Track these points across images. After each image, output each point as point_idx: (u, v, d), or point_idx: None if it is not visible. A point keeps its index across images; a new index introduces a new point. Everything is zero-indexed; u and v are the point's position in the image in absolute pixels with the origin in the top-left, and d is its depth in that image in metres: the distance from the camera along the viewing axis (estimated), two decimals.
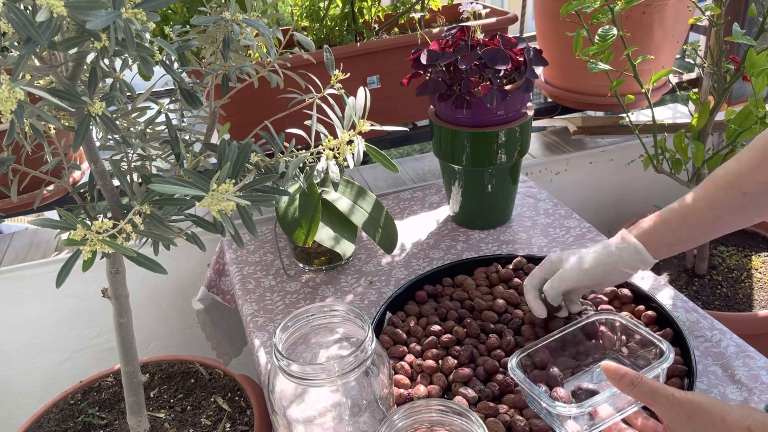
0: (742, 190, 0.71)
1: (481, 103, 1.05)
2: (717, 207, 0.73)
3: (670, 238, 0.77)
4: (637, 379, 0.60)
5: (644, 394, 0.59)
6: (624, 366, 0.62)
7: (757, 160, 0.71)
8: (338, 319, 0.72)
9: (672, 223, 0.76)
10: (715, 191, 0.73)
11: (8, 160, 0.64)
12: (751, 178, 0.71)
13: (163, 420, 0.95)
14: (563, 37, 1.27)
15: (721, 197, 0.73)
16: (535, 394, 0.66)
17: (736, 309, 1.30)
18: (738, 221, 0.75)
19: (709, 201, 0.74)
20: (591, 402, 0.64)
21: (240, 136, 1.20)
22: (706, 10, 1.15)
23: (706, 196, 0.74)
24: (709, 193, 0.74)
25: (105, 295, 0.78)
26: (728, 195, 0.72)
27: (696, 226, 0.75)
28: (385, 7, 1.47)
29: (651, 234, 0.77)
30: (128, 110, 0.69)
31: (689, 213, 0.75)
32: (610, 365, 0.62)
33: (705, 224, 0.75)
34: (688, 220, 0.75)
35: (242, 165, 0.61)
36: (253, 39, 0.71)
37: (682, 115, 1.81)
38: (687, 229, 0.76)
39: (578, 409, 0.64)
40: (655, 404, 0.59)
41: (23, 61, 0.49)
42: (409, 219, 1.27)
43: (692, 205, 0.75)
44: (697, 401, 0.57)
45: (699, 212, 0.74)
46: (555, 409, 0.64)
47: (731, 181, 0.72)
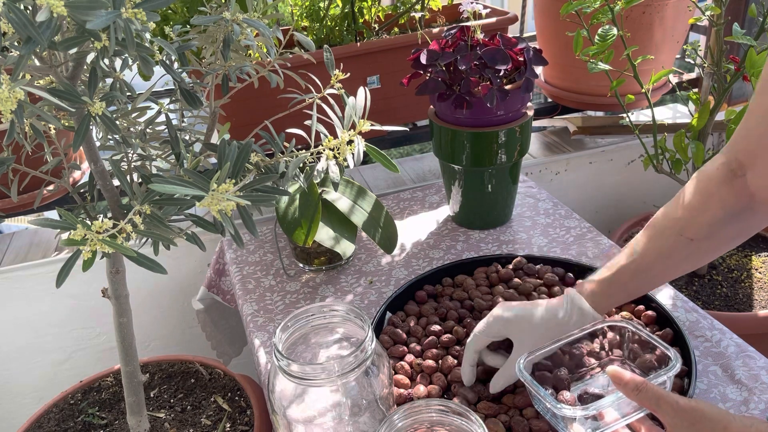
0: (689, 236, 0.70)
1: (481, 103, 1.05)
2: (666, 257, 0.72)
3: (620, 296, 0.76)
4: (642, 385, 0.60)
5: (648, 400, 0.59)
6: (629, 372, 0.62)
7: (698, 204, 0.70)
8: (338, 319, 0.72)
9: (622, 281, 0.74)
10: (663, 242, 0.72)
11: (8, 160, 0.64)
12: (696, 222, 0.70)
13: (163, 420, 0.95)
14: (563, 37, 1.27)
15: (669, 247, 0.71)
16: (541, 395, 0.66)
17: (736, 309, 1.30)
18: (687, 266, 0.74)
19: (658, 253, 0.72)
20: (596, 405, 0.64)
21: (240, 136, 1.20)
22: (706, 10, 1.15)
23: (655, 248, 0.72)
24: (657, 244, 0.72)
25: (105, 295, 0.78)
26: (676, 243, 0.71)
27: (646, 280, 0.75)
28: (385, 7, 1.47)
29: (600, 295, 0.75)
30: (128, 110, 0.69)
31: (640, 269, 0.73)
32: (615, 370, 0.62)
33: (655, 276, 0.74)
34: (639, 275, 0.74)
35: (242, 165, 0.61)
36: (253, 39, 0.71)
37: (682, 115, 1.81)
38: (637, 283, 0.75)
39: (583, 412, 0.63)
40: (658, 411, 0.59)
41: (23, 61, 0.49)
42: (409, 219, 1.27)
43: (641, 259, 0.73)
44: (700, 409, 0.57)
45: (649, 266, 0.73)
46: (560, 411, 0.64)
47: (677, 229, 0.71)
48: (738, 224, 0.70)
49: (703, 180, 0.71)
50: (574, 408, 0.64)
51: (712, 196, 0.69)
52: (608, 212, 1.74)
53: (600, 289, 0.75)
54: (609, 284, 0.75)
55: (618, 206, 1.74)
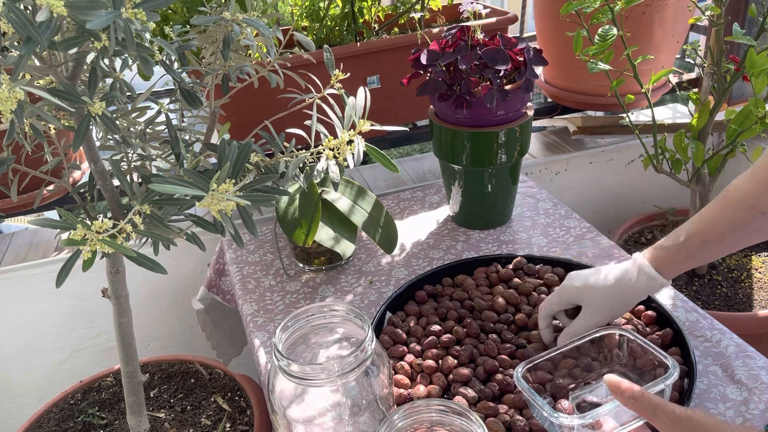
0: (761, 210, 0.71)
1: (481, 103, 1.05)
2: (736, 229, 0.73)
3: (687, 264, 0.78)
4: (639, 394, 0.60)
5: (645, 409, 0.59)
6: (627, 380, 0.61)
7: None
8: (338, 319, 0.72)
9: (691, 249, 0.76)
10: (733, 213, 0.73)
11: (8, 160, 0.64)
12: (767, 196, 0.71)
13: (163, 420, 0.95)
14: (563, 37, 1.27)
15: (740, 219, 0.73)
16: (539, 404, 0.66)
17: (736, 309, 1.30)
18: (756, 238, 0.75)
19: (728, 224, 0.73)
20: (592, 413, 0.64)
21: (240, 136, 1.20)
22: (706, 10, 1.15)
23: (725, 219, 0.74)
24: (728, 215, 0.74)
25: (105, 295, 0.78)
26: (747, 216, 0.72)
27: (715, 250, 0.76)
28: (385, 7, 1.47)
29: (668, 262, 0.77)
30: (128, 110, 0.69)
31: (709, 237, 0.75)
32: (613, 379, 0.62)
33: (724, 247, 0.76)
34: (708, 245, 0.75)
35: (242, 165, 0.61)
36: (253, 39, 0.71)
37: (682, 115, 1.81)
38: (706, 252, 0.76)
39: (580, 420, 0.63)
40: (655, 419, 0.59)
41: (23, 61, 0.49)
42: (409, 219, 1.27)
43: (711, 229, 0.74)
44: (696, 418, 0.57)
45: (719, 236, 0.74)
46: (558, 420, 0.64)
47: (749, 203, 0.72)
48: None
49: None
50: (571, 417, 0.64)
51: None
52: (608, 212, 1.74)
53: (668, 256, 0.77)
54: (677, 251, 0.76)
55: (618, 206, 1.74)
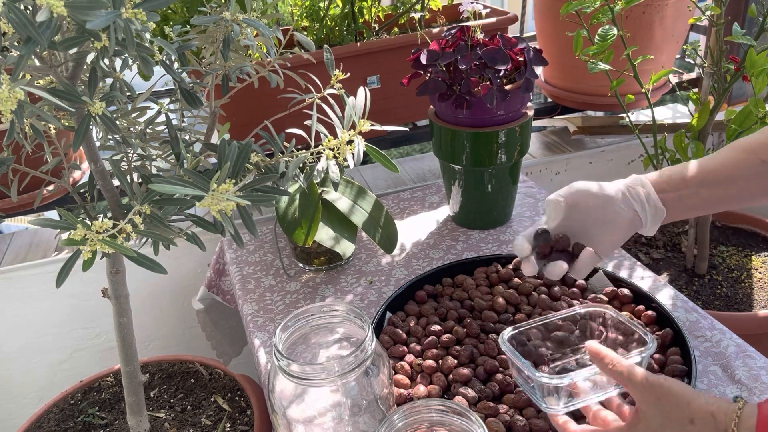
0: (761, 158, 0.71)
1: (481, 103, 1.05)
2: (733, 167, 0.72)
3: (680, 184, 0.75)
4: (616, 360, 0.63)
5: (620, 375, 0.62)
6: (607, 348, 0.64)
7: None
8: (338, 319, 0.72)
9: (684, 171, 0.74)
10: (734, 153, 0.73)
11: (8, 160, 0.64)
12: None
13: (163, 420, 0.95)
14: (563, 37, 1.27)
15: (739, 158, 0.72)
16: (521, 364, 0.68)
17: (736, 309, 1.30)
18: (753, 189, 0.73)
19: (725, 159, 0.73)
20: (571, 375, 0.66)
21: (240, 136, 1.20)
22: (706, 10, 1.15)
23: (724, 155, 0.73)
24: (728, 154, 0.73)
25: (105, 295, 0.78)
26: (747, 159, 0.72)
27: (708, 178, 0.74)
28: (385, 7, 1.47)
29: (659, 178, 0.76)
30: (128, 110, 0.69)
31: (703, 165, 0.74)
32: (594, 345, 0.65)
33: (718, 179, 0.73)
34: (701, 170, 0.74)
35: (242, 165, 0.61)
36: (253, 39, 0.71)
37: (682, 115, 1.81)
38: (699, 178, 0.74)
39: (559, 381, 0.66)
40: (629, 385, 0.61)
41: (23, 61, 0.49)
42: (409, 219, 1.27)
43: (707, 160, 0.74)
44: (666, 385, 0.59)
45: (714, 166, 0.73)
46: (539, 380, 0.66)
47: (752, 148, 0.72)
48: None
49: None
50: (550, 377, 0.66)
51: None
52: None
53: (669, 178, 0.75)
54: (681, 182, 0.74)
55: None
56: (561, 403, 0.68)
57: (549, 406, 0.68)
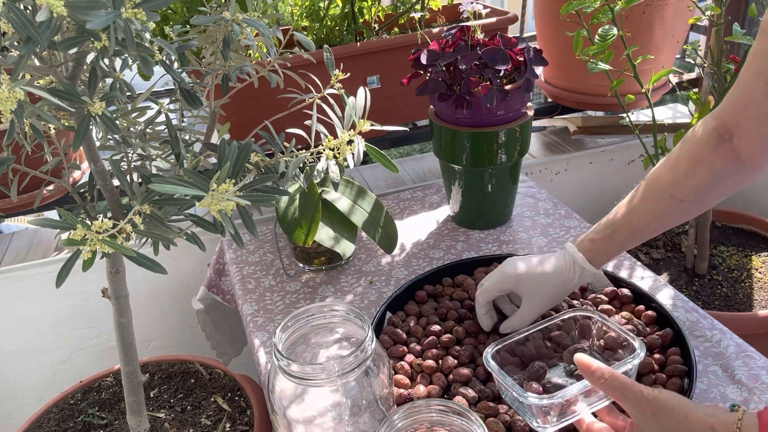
0: (679, 198, 0.75)
1: (481, 103, 1.05)
2: (658, 217, 0.78)
3: (616, 252, 0.82)
4: (608, 374, 0.61)
5: (613, 389, 0.61)
6: (597, 360, 0.63)
7: (687, 168, 0.74)
8: (338, 319, 0.72)
9: (619, 239, 0.81)
10: (655, 202, 0.77)
11: (8, 160, 0.64)
12: (686, 186, 0.74)
13: (163, 420, 0.95)
14: (563, 37, 1.27)
15: (661, 208, 0.77)
16: (508, 384, 0.67)
17: (736, 309, 1.30)
18: (676, 223, 0.80)
19: (652, 214, 0.78)
20: (562, 393, 0.65)
21: (240, 136, 1.20)
22: (706, 10, 1.15)
23: (649, 210, 0.78)
24: (651, 206, 0.78)
25: (105, 295, 0.78)
26: (668, 205, 0.76)
27: (640, 237, 0.81)
28: (385, 7, 1.47)
29: (598, 252, 0.82)
30: (128, 110, 0.69)
31: (636, 227, 0.79)
32: (583, 359, 0.63)
33: (649, 233, 0.80)
34: (634, 234, 0.80)
35: (242, 165, 0.61)
36: (253, 39, 0.71)
37: (682, 115, 1.81)
38: (633, 241, 0.81)
39: (549, 401, 0.64)
40: (623, 399, 0.60)
41: (23, 61, 0.49)
42: (409, 219, 1.27)
43: (637, 220, 0.79)
44: (662, 399, 0.58)
45: (644, 226, 0.79)
46: (527, 400, 0.65)
47: (669, 191, 0.76)
48: (725, 184, 0.74)
49: (693, 145, 0.74)
50: (540, 397, 0.65)
51: (701, 161, 0.73)
52: (608, 212, 1.74)
53: (598, 248, 0.82)
54: (608, 242, 0.81)
55: None
56: (553, 419, 0.66)
57: (540, 425, 0.67)
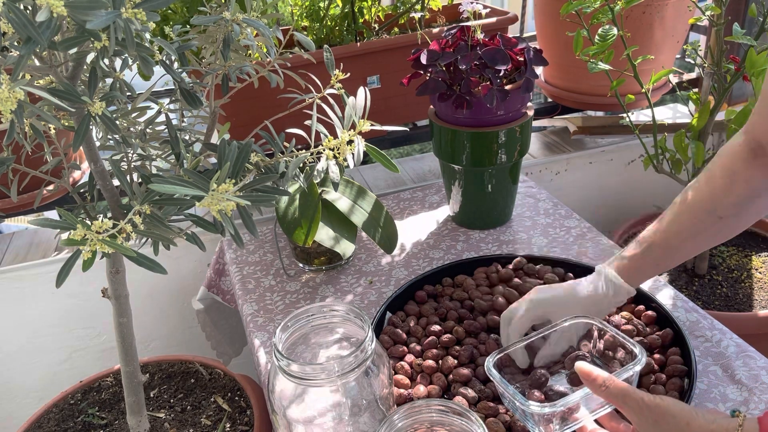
0: (718, 215, 0.73)
1: (481, 103, 1.05)
2: (697, 235, 0.76)
3: (652, 271, 0.80)
4: (609, 381, 0.61)
5: (615, 397, 0.61)
6: (597, 368, 0.63)
7: (724, 184, 0.73)
8: (338, 319, 0.72)
9: (654, 258, 0.78)
10: (693, 221, 0.75)
11: (8, 160, 0.64)
12: (725, 202, 0.73)
13: (163, 420, 0.95)
14: (563, 37, 1.27)
15: (700, 227, 0.75)
16: (510, 393, 0.67)
17: (736, 309, 1.30)
18: (715, 241, 0.79)
19: (689, 232, 0.76)
20: (563, 401, 0.65)
21: (240, 136, 1.20)
22: (706, 10, 1.15)
23: (686, 228, 0.76)
24: (689, 223, 0.75)
25: (105, 295, 0.78)
26: (706, 222, 0.74)
27: (677, 257, 0.79)
28: (385, 7, 1.47)
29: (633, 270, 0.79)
30: (128, 110, 0.69)
31: (672, 246, 0.77)
32: (583, 367, 0.63)
33: (686, 253, 0.79)
34: (670, 252, 0.77)
35: (242, 165, 0.61)
36: (253, 39, 0.71)
37: (682, 115, 1.81)
38: (668, 260, 0.79)
39: (551, 409, 0.64)
40: (624, 407, 0.60)
41: (23, 61, 0.49)
42: (409, 219, 1.27)
43: (674, 238, 0.76)
44: (664, 406, 0.58)
45: (681, 244, 0.76)
46: (529, 408, 0.65)
47: (707, 209, 0.74)
48: (765, 199, 0.72)
49: (728, 160, 0.73)
50: (542, 405, 0.65)
51: (737, 175, 0.72)
52: (608, 212, 1.74)
53: (633, 265, 0.79)
54: (642, 260, 0.78)
55: (618, 206, 1.74)
56: (555, 427, 0.66)
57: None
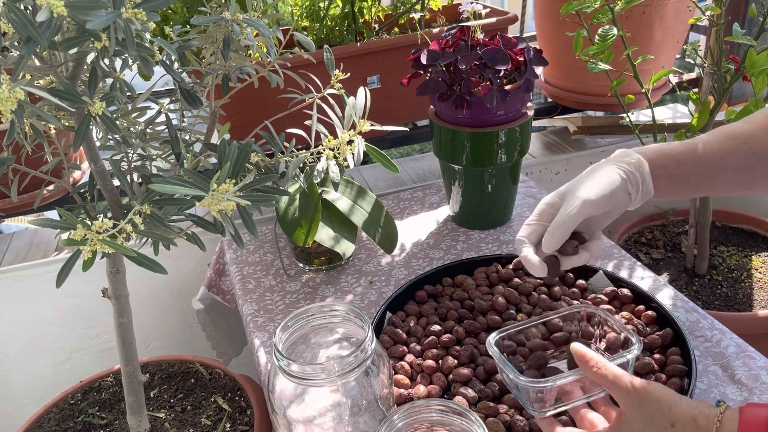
0: (752, 148, 0.71)
1: (481, 103, 1.05)
2: (725, 156, 0.71)
3: (674, 169, 0.73)
4: (601, 363, 0.63)
5: (605, 378, 0.62)
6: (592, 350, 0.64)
7: (764, 124, 0.71)
8: (338, 319, 0.72)
9: (679, 155, 0.73)
10: (726, 141, 0.72)
11: (8, 160, 0.64)
12: (763, 138, 0.71)
13: (163, 420, 0.95)
14: (563, 37, 1.27)
15: (731, 147, 0.72)
16: (508, 368, 0.68)
17: (736, 309, 1.30)
18: (740, 180, 0.73)
19: (718, 147, 0.72)
20: (557, 378, 0.66)
21: (240, 136, 1.20)
22: (706, 10, 1.15)
23: (716, 143, 0.72)
24: (719, 141, 0.72)
25: (105, 295, 0.78)
26: (738, 148, 0.71)
27: (701, 166, 0.73)
28: (385, 7, 1.47)
29: (655, 159, 0.73)
30: (128, 110, 0.69)
31: (697, 151, 0.72)
32: (578, 347, 0.65)
33: (710, 168, 0.72)
34: (694, 156, 0.72)
35: (242, 165, 0.61)
36: (253, 39, 0.71)
37: (682, 115, 1.81)
38: (692, 166, 0.73)
39: (545, 384, 0.65)
40: (613, 388, 0.62)
41: (23, 61, 0.49)
42: (409, 219, 1.27)
43: (701, 147, 0.72)
44: (650, 390, 0.59)
45: (707, 154, 0.72)
46: (522, 382, 0.66)
47: (742, 137, 0.71)
48: None
49: None
50: (535, 380, 0.66)
51: None
52: None
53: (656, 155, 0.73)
54: (666, 153, 0.73)
55: None
56: (549, 406, 0.67)
57: (536, 410, 0.68)
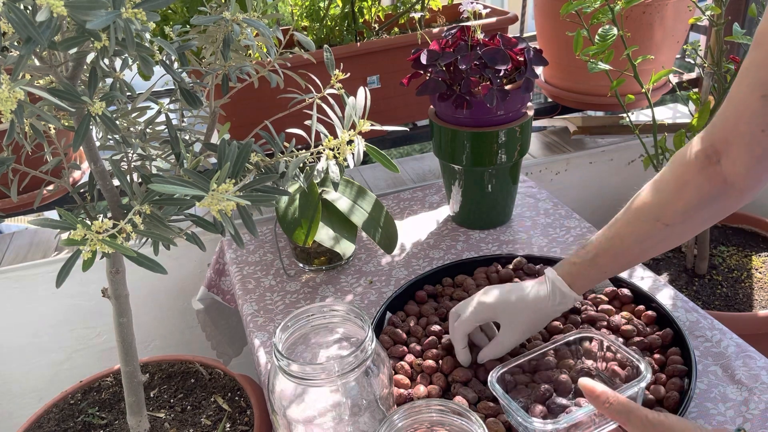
0: (664, 222, 0.73)
1: (481, 103, 1.05)
2: (642, 241, 0.75)
3: (598, 277, 0.79)
4: (613, 398, 0.60)
5: (618, 414, 0.60)
6: (601, 384, 0.62)
7: (674, 191, 0.73)
8: (338, 319, 0.72)
9: (601, 264, 0.78)
10: (640, 227, 0.75)
11: (8, 160, 0.64)
12: (672, 209, 0.73)
13: (163, 420, 0.95)
14: (563, 37, 1.27)
15: (645, 232, 0.75)
16: (513, 409, 0.66)
17: (736, 309, 1.30)
18: (661, 249, 0.78)
19: (635, 238, 0.75)
20: (567, 418, 0.64)
21: (240, 136, 1.20)
22: (706, 10, 1.15)
23: (632, 234, 0.76)
24: (635, 230, 0.76)
25: (105, 295, 0.78)
26: (652, 229, 0.74)
27: (623, 263, 0.79)
28: (385, 7, 1.47)
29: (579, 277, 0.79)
30: (128, 110, 0.69)
31: (618, 252, 0.77)
32: (587, 383, 0.62)
33: (632, 259, 0.78)
34: (617, 259, 0.78)
35: (242, 165, 0.61)
36: (253, 39, 0.71)
37: (682, 115, 1.81)
38: (616, 266, 0.79)
39: (554, 426, 0.64)
40: (628, 424, 0.59)
41: (23, 61, 0.49)
42: (409, 219, 1.27)
43: (620, 244, 0.76)
44: (668, 423, 0.57)
45: (627, 250, 0.76)
46: (531, 425, 0.64)
47: (654, 214, 0.74)
48: (712, 208, 0.72)
49: (680, 167, 0.73)
50: (545, 422, 0.64)
51: (687, 184, 0.72)
52: (608, 212, 1.73)
53: (579, 271, 0.79)
54: (589, 267, 0.78)
55: (618, 206, 1.72)
56: None
57: None
